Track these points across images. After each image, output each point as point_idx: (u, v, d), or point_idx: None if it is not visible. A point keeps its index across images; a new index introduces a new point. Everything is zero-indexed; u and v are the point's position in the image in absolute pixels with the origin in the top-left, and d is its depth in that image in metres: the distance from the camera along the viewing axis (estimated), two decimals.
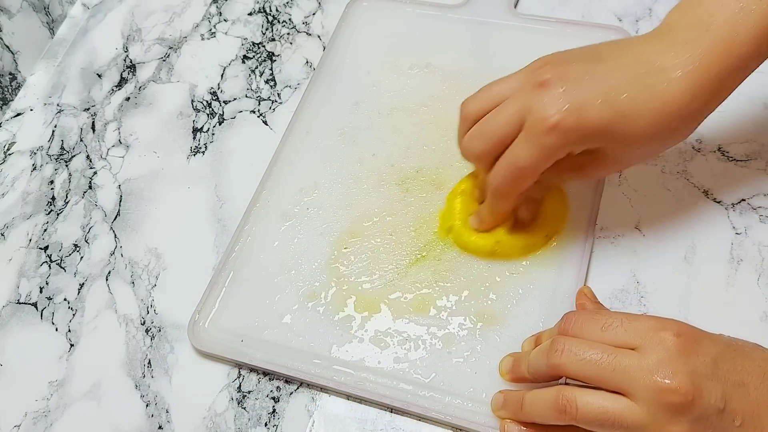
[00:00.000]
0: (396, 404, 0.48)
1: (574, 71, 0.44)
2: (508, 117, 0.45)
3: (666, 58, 0.43)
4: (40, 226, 0.62)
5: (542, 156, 0.44)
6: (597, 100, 0.42)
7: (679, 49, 0.43)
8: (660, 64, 0.43)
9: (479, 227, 0.51)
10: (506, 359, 0.46)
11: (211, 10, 0.74)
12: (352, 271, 0.54)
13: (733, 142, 0.56)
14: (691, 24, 0.44)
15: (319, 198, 0.58)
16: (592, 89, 0.43)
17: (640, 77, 0.43)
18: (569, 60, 0.45)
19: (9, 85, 0.71)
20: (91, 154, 0.66)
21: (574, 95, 0.43)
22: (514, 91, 0.45)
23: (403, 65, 0.64)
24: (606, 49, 0.46)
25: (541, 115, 0.43)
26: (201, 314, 0.53)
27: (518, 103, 0.44)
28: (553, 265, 0.51)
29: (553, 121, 0.42)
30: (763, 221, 0.52)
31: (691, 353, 0.38)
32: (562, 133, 0.42)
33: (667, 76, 0.43)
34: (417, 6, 0.68)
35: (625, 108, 0.42)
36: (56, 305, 0.57)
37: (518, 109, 0.44)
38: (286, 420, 0.50)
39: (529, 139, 0.44)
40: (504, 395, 0.45)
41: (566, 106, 0.42)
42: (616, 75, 0.43)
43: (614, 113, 0.42)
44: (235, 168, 0.62)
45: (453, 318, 0.50)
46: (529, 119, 0.43)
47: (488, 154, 0.46)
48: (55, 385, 0.54)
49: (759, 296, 0.49)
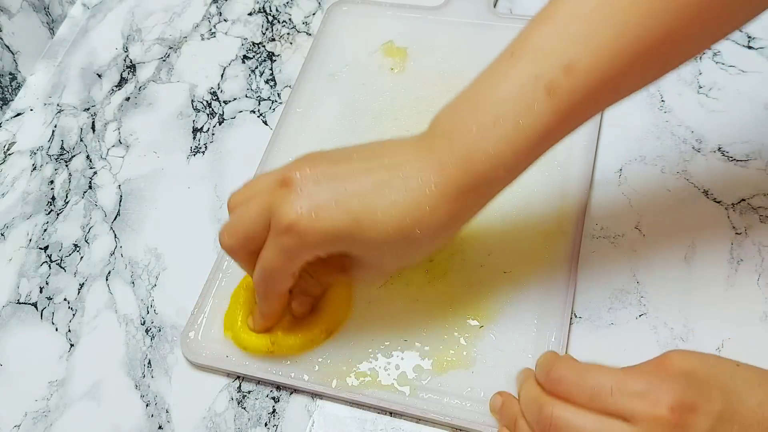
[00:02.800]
0: (395, 407, 0.48)
1: (319, 173, 0.43)
2: (251, 215, 0.44)
3: (411, 166, 0.42)
4: (40, 226, 0.62)
5: (284, 258, 0.43)
6: (332, 203, 0.42)
7: (424, 158, 0.42)
8: (404, 170, 0.42)
9: (254, 328, 0.50)
10: (495, 398, 0.45)
11: (211, 10, 0.74)
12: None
13: (733, 142, 0.56)
14: (444, 131, 0.43)
15: None
16: (330, 192, 0.42)
17: (381, 183, 0.42)
18: (320, 161, 0.44)
19: (9, 85, 0.71)
20: (91, 154, 0.66)
21: (312, 197, 0.42)
22: (262, 191, 0.44)
23: (385, 68, 0.64)
24: (359, 151, 0.45)
25: (277, 217, 0.42)
26: (193, 326, 0.53)
27: (263, 202, 0.44)
28: (547, 263, 0.51)
29: (287, 222, 0.42)
30: (763, 221, 0.52)
31: (687, 427, 0.36)
32: (297, 235, 0.42)
33: (407, 185, 0.42)
34: (397, 9, 0.68)
35: (359, 213, 0.42)
36: (56, 305, 0.57)
37: (262, 207, 0.44)
38: (286, 420, 0.50)
39: (271, 241, 0.43)
40: (502, 401, 0.45)
41: (302, 207, 0.42)
42: (358, 179, 0.42)
43: (349, 217, 0.42)
44: (235, 168, 0.62)
45: (450, 318, 0.50)
46: (272, 220, 0.43)
47: (238, 250, 0.46)
48: (55, 385, 0.54)
49: (759, 296, 0.49)
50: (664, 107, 0.58)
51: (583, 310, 0.50)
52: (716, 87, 0.58)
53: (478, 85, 0.43)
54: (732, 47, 0.61)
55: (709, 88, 0.59)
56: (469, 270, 0.52)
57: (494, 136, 0.41)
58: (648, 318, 0.49)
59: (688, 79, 0.59)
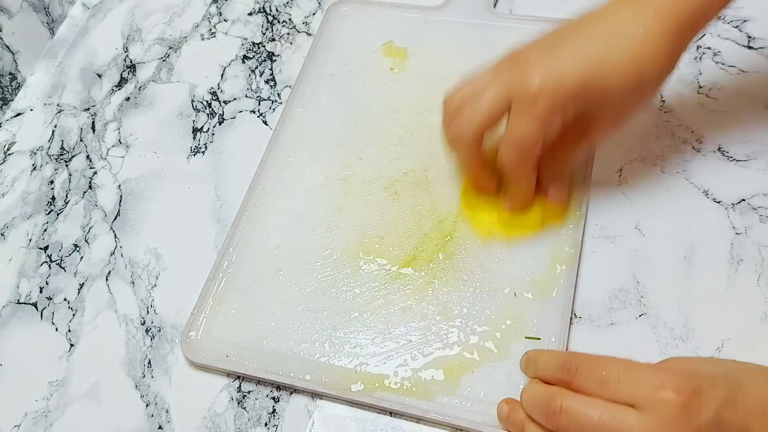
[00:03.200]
0: (395, 407, 0.48)
1: (543, 49, 0.47)
2: (492, 97, 0.47)
3: (627, 15, 0.46)
4: (40, 226, 0.62)
5: (538, 124, 0.46)
6: (569, 64, 0.46)
7: (635, 7, 0.46)
8: (623, 21, 0.46)
9: (513, 207, 0.53)
10: (502, 406, 0.45)
11: (211, 10, 0.74)
12: (344, 275, 0.53)
13: (733, 142, 0.56)
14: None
15: (308, 205, 0.57)
16: (563, 57, 0.46)
17: (605, 37, 0.46)
18: (535, 44, 0.48)
19: (9, 85, 0.71)
20: (91, 154, 0.66)
21: (549, 65, 0.46)
22: (491, 78, 0.48)
23: (384, 68, 0.64)
24: (566, 30, 0.48)
25: (524, 88, 0.46)
26: (193, 326, 0.53)
27: (499, 84, 0.47)
28: (547, 263, 0.51)
29: (536, 88, 0.45)
30: (763, 221, 0.52)
31: (693, 411, 0.37)
32: (547, 98, 0.45)
33: (629, 32, 0.45)
34: (396, 9, 0.68)
35: (595, 66, 0.45)
36: (56, 305, 0.57)
37: (500, 88, 0.47)
38: (286, 420, 0.50)
39: (521, 112, 0.46)
40: (509, 410, 0.45)
41: (544, 73, 0.45)
42: (583, 40, 0.46)
43: (588, 72, 0.45)
44: (235, 168, 0.62)
45: (447, 318, 0.50)
46: (515, 95, 0.46)
47: (477, 136, 0.48)
48: (55, 385, 0.54)
49: (759, 296, 0.49)
50: (664, 107, 0.58)
51: (583, 310, 0.50)
52: (716, 87, 0.58)
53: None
54: (732, 47, 0.61)
55: (709, 88, 0.59)
56: (477, 273, 0.52)
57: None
58: (648, 318, 0.49)
59: (688, 79, 0.59)
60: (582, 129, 0.49)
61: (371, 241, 0.55)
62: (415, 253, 0.53)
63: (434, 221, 0.55)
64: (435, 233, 0.54)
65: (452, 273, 0.52)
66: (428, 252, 0.53)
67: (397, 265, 0.53)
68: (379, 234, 0.55)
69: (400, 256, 0.53)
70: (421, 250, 0.54)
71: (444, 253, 0.53)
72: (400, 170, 0.58)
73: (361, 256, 0.54)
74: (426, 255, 0.53)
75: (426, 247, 0.54)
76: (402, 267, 0.53)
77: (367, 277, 0.53)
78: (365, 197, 0.57)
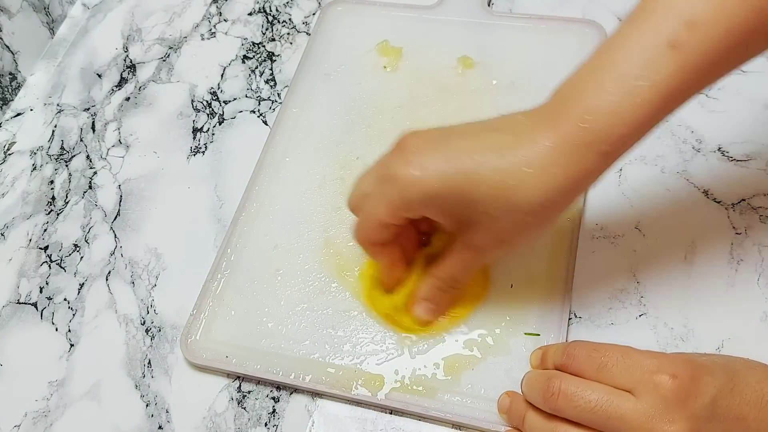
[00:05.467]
0: (396, 405, 0.48)
1: (430, 136, 0.43)
2: (371, 175, 0.45)
3: (524, 127, 0.41)
4: (40, 226, 0.62)
5: (383, 206, 0.44)
6: (440, 160, 0.42)
7: (537, 120, 0.41)
8: (517, 131, 0.41)
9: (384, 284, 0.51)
10: (503, 398, 0.46)
11: (211, 10, 0.74)
12: (344, 275, 0.53)
13: (733, 142, 0.56)
14: (560, 97, 0.41)
15: (305, 204, 0.57)
16: (439, 153, 0.42)
17: (492, 142, 0.41)
18: (431, 130, 0.44)
19: (9, 85, 0.71)
20: (91, 154, 0.66)
21: (420, 156, 0.42)
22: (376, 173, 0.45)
23: (380, 67, 0.64)
24: (469, 124, 0.44)
25: (387, 170, 0.43)
26: (193, 327, 0.53)
27: (380, 164, 0.45)
28: (547, 263, 0.51)
29: (393, 172, 0.42)
30: (763, 221, 0.52)
31: (689, 396, 0.37)
32: (399, 186, 0.42)
33: (519, 142, 0.41)
34: (391, 8, 0.68)
35: (469, 169, 0.41)
36: (56, 305, 0.57)
37: (378, 168, 0.45)
38: (286, 420, 0.50)
39: (376, 191, 0.44)
40: (510, 401, 0.45)
41: (409, 162, 0.42)
42: (468, 139, 0.42)
43: (458, 173, 0.41)
44: (235, 168, 0.62)
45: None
46: (380, 174, 0.44)
47: (356, 207, 0.47)
48: (55, 385, 0.54)
49: (759, 296, 0.49)
50: None
51: (583, 310, 0.50)
52: (716, 87, 0.58)
53: (597, 53, 0.41)
54: None
55: (709, 88, 0.58)
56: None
57: (614, 93, 0.39)
58: (648, 318, 0.49)
59: None
60: (463, 241, 0.45)
61: None
62: None
63: None
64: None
65: None
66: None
67: None
68: None
69: None
70: None
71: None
72: None
73: (360, 255, 0.54)
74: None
75: None
76: None
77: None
78: None
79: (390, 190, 0.43)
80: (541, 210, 0.41)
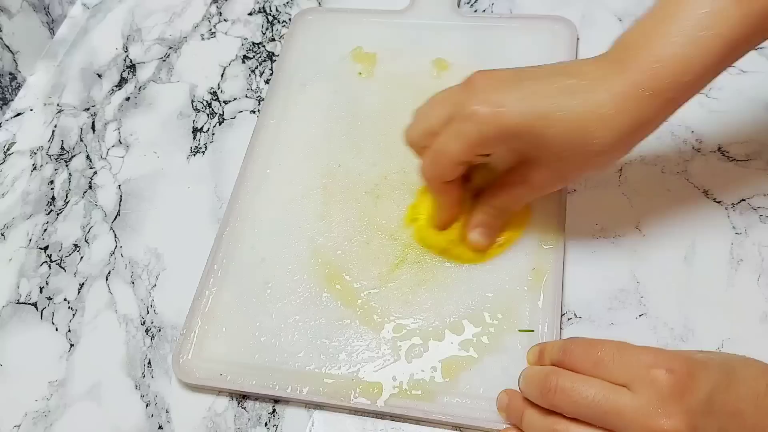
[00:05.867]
0: (396, 412, 0.48)
1: (499, 80, 0.45)
2: (437, 111, 0.47)
3: (594, 73, 0.43)
4: (40, 226, 0.62)
5: (459, 143, 0.45)
6: (517, 99, 0.43)
7: (607, 67, 0.43)
8: (588, 76, 0.43)
9: (437, 223, 0.52)
10: (502, 396, 0.46)
11: (211, 10, 0.74)
12: (334, 285, 0.53)
13: (733, 142, 0.56)
14: (626, 44, 0.43)
15: (290, 215, 0.57)
16: (514, 90, 0.44)
17: (564, 85, 0.43)
18: (494, 73, 0.46)
19: (9, 85, 0.71)
20: (91, 154, 0.66)
21: (498, 92, 0.44)
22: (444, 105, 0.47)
23: (355, 74, 0.64)
24: (531, 70, 0.46)
25: (461, 107, 0.44)
26: (183, 346, 0.52)
27: (448, 101, 0.46)
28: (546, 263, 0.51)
29: (470, 111, 0.44)
30: (763, 221, 0.52)
31: (685, 391, 0.37)
32: (477, 123, 0.44)
33: (590, 86, 0.43)
34: (362, 15, 0.68)
35: (542, 109, 0.43)
36: (56, 305, 0.57)
37: (446, 105, 0.46)
38: (286, 420, 0.50)
39: (450, 128, 0.45)
40: (508, 399, 0.45)
41: (486, 100, 0.44)
42: (541, 82, 0.44)
43: (532, 113, 0.43)
44: (235, 168, 0.62)
45: (442, 319, 0.50)
46: (454, 114, 0.45)
47: (420, 142, 0.48)
48: (55, 385, 0.54)
49: (759, 296, 0.49)
50: None
51: (583, 310, 0.50)
52: (716, 87, 0.58)
53: (662, 3, 0.43)
54: None
55: (709, 88, 0.58)
56: (466, 270, 0.52)
57: (681, 41, 0.41)
58: (648, 318, 0.49)
59: None
60: (521, 176, 0.48)
61: (357, 246, 0.54)
62: (403, 255, 0.53)
63: None
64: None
65: (441, 271, 0.52)
66: (415, 253, 0.53)
67: (385, 268, 0.53)
68: (364, 239, 0.55)
69: (387, 259, 0.53)
70: (408, 251, 0.53)
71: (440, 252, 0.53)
72: (380, 174, 0.57)
73: (349, 263, 0.54)
74: (413, 256, 0.53)
75: (413, 248, 0.54)
76: (391, 270, 0.53)
77: (357, 283, 0.53)
78: (347, 204, 0.57)
79: (467, 126, 0.44)
80: (609, 151, 0.44)
